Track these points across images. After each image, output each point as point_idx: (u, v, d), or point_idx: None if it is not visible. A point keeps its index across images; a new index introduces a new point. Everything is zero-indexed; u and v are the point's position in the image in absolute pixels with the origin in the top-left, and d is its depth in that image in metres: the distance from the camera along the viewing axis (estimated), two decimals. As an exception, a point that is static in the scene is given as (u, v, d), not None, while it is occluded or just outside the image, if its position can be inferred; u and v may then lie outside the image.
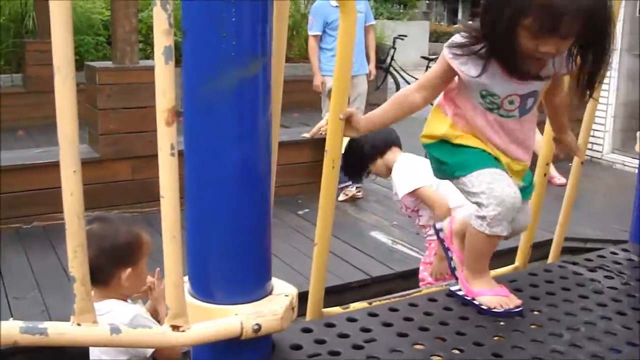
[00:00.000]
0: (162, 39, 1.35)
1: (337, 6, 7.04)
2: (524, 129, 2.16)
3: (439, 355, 1.83)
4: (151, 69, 1.38)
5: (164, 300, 1.64)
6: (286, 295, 1.70)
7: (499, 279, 2.37)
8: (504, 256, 2.94)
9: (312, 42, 7.49)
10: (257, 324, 1.59)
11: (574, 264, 2.56)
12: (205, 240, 1.62)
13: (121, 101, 5.94)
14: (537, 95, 2.11)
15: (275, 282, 1.75)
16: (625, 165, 8.66)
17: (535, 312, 2.13)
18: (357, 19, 7.21)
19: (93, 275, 1.49)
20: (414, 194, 3.50)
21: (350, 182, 6.77)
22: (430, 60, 14.14)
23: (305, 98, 10.51)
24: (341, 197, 6.74)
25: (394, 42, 13.77)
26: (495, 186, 2.03)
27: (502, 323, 2.04)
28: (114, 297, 2.27)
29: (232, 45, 1.48)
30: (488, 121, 2.11)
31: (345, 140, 2.26)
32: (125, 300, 2.35)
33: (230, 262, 1.61)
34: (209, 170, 1.56)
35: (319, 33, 7.31)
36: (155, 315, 2.47)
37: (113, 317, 2.13)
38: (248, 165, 1.57)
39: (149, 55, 9.46)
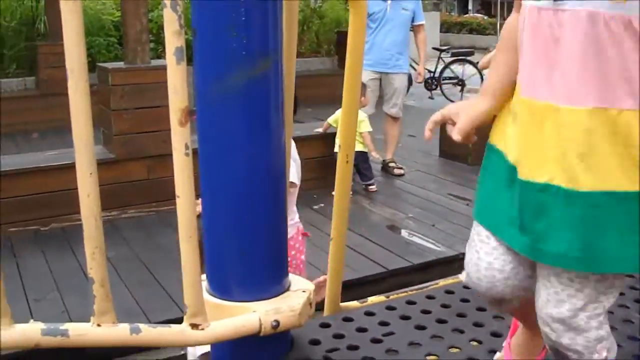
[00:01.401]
0: (173, 40, 1.35)
1: None
2: (585, 39, 1.23)
3: (457, 347, 1.83)
4: (163, 68, 1.39)
5: None
6: (303, 291, 1.70)
7: (455, 286, 2.28)
8: (460, 262, 2.89)
9: None
10: (275, 320, 1.59)
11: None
12: (222, 239, 1.62)
13: (134, 101, 5.95)
14: None
15: (292, 278, 1.75)
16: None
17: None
18: (403, 17, 7.34)
19: None
20: (293, 185, 3.10)
21: (373, 180, 6.79)
22: (442, 51, 14.06)
23: (318, 93, 10.49)
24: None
25: (405, 35, 13.72)
26: (467, 250, 1.53)
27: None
28: None
29: (243, 44, 1.49)
30: (537, 31, 1.31)
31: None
32: None
33: (247, 259, 1.61)
34: (223, 170, 1.57)
35: None
36: None
37: None
38: (261, 164, 1.57)
39: (161, 55, 9.47)
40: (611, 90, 1.24)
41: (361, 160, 6.63)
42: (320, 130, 6.92)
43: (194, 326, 1.50)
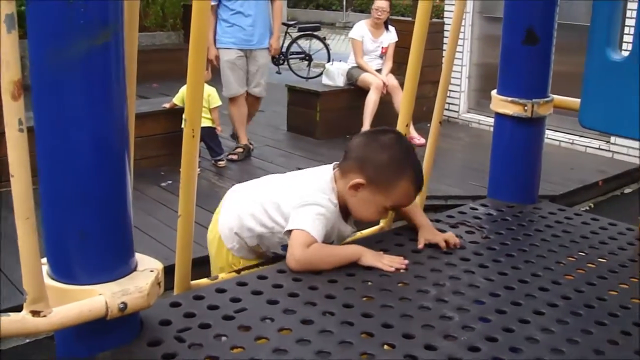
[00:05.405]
0: (3, 6, 1.26)
1: None
2: None
3: (310, 320, 1.83)
4: (-5, 40, 1.30)
5: None
6: (151, 271, 1.66)
7: (365, 240, 2.40)
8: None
9: None
10: (122, 303, 1.54)
11: (437, 221, 2.63)
12: (61, 220, 1.55)
13: (-34, 77, 5.62)
14: None
15: (139, 257, 1.70)
16: (480, 123, 8.99)
17: (402, 270, 2.16)
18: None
19: None
20: None
21: (222, 155, 6.76)
22: (289, 26, 14.09)
23: (164, 68, 10.30)
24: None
25: (250, 9, 13.66)
26: None
27: (370, 283, 2.07)
28: None
29: (81, 13, 1.41)
30: None
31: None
32: None
33: (90, 241, 1.54)
34: (61, 147, 1.49)
35: (215, 3, 7.00)
36: None
37: None
38: (102, 140, 1.50)
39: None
40: None
41: (209, 136, 6.57)
42: (167, 106, 6.80)
43: (35, 313, 1.43)
